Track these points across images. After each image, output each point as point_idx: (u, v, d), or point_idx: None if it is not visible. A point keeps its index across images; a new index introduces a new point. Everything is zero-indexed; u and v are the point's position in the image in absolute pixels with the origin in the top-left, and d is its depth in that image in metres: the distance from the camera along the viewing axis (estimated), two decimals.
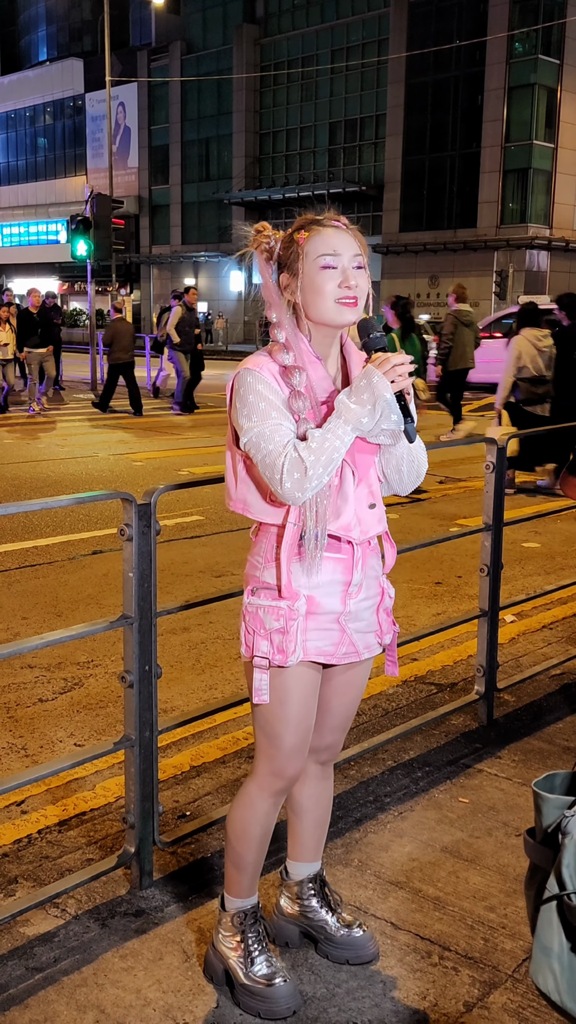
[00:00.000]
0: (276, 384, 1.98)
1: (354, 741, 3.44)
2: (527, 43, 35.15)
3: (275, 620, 2.03)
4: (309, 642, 2.05)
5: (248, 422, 1.96)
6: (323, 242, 1.97)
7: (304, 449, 1.91)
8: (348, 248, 1.98)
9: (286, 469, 1.90)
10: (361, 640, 2.12)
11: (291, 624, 2.02)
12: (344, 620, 2.08)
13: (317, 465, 1.90)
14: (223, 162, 44.37)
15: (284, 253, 2.02)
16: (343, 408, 1.93)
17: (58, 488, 8.83)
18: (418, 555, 6.01)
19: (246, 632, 2.08)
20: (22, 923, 2.43)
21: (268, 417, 1.95)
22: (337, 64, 40.30)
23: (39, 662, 4.34)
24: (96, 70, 41.98)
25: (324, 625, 2.06)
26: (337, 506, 2.02)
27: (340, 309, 1.97)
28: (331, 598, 2.05)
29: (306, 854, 2.34)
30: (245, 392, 1.98)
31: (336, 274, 1.96)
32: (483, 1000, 2.17)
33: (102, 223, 18.20)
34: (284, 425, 1.95)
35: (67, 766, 2.50)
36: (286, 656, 2.02)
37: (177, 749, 3.43)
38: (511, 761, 3.34)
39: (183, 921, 2.45)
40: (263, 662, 2.05)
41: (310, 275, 1.97)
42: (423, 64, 36.40)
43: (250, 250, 2.06)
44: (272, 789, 2.14)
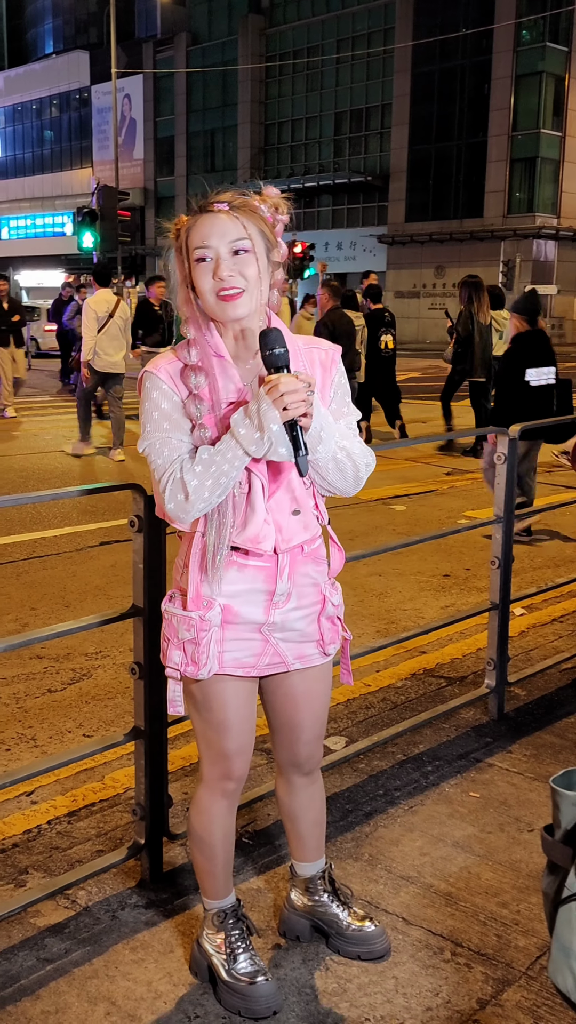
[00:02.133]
0: (172, 387, 1.87)
1: (364, 735, 3.42)
2: (535, 31, 34.95)
3: (186, 630, 1.94)
4: (226, 653, 1.97)
5: (143, 430, 1.90)
6: (196, 233, 1.84)
7: (188, 472, 1.82)
8: (223, 234, 1.81)
9: (169, 490, 1.83)
10: (292, 650, 2.02)
11: (202, 635, 1.93)
12: (267, 630, 1.98)
13: (202, 490, 1.81)
14: (228, 153, 44.28)
15: (176, 246, 1.90)
16: (235, 430, 1.79)
17: (66, 479, 8.82)
18: (426, 547, 5.98)
19: (163, 639, 2.01)
20: (33, 914, 2.42)
21: (159, 428, 1.86)
22: (343, 54, 40.14)
23: (48, 653, 4.33)
24: (102, 62, 41.87)
25: (243, 635, 1.97)
26: (245, 517, 1.91)
27: (221, 304, 1.83)
28: (251, 607, 1.95)
29: (309, 854, 2.31)
30: (143, 398, 1.90)
31: (208, 266, 1.83)
32: (497, 997, 2.16)
33: (108, 215, 18.18)
34: (174, 438, 1.85)
35: (78, 757, 2.49)
36: (198, 668, 1.94)
37: (186, 740, 3.42)
38: (522, 756, 3.32)
39: (193, 913, 2.44)
40: (175, 673, 1.98)
41: (191, 269, 1.85)
42: (429, 53, 36.23)
43: (169, 246, 1.93)
44: (222, 791, 2.10)
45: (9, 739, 3.51)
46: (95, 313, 9.70)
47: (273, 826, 2.84)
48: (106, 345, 9.75)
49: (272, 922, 2.41)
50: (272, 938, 2.35)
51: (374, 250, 38.63)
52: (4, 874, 2.62)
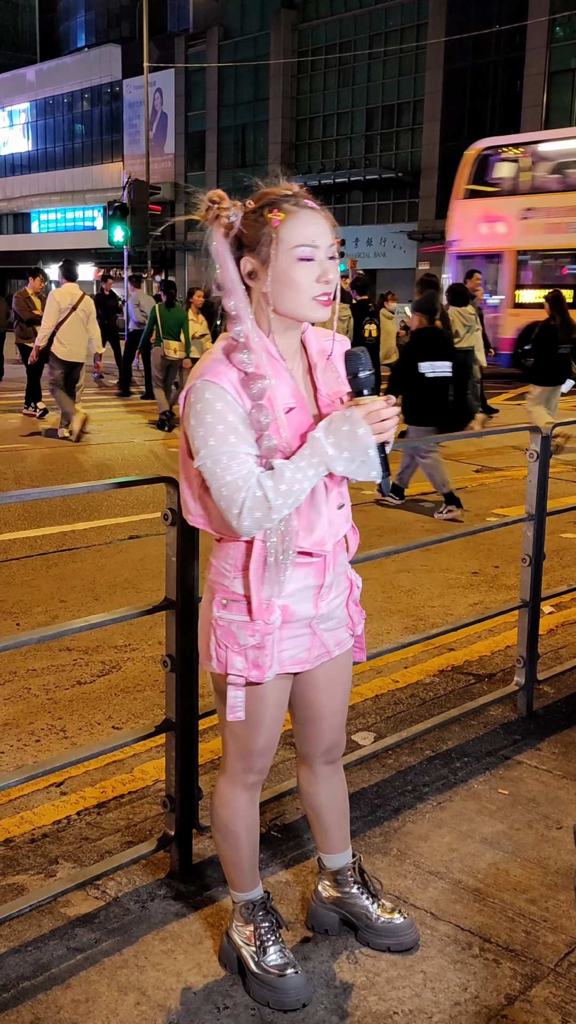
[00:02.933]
0: (236, 397, 1.78)
1: (392, 730, 3.42)
2: (568, 27, 34.60)
3: (250, 636, 1.92)
4: (284, 652, 1.97)
5: (203, 445, 1.77)
6: (301, 229, 1.75)
7: (272, 490, 1.75)
8: (326, 237, 1.78)
9: (247, 507, 1.76)
10: (332, 638, 2.05)
11: (267, 639, 1.92)
12: (316, 623, 2.00)
13: (283, 507, 1.77)
14: (259, 148, 44.23)
15: (249, 233, 1.78)
16: (318, 448, 1.76)
17: (95, 473, 8.87)
18: (455, 545, 5.96)
19: (217, 646, 1.96)
20: (63, 904, 2.45)
21: (226, 442, 1.76)
22: (375, 49, 39.96)
23: (77, 645, 4.37)
24: (134, 56, 41.98)
25: (297, 632, 1.98)
26: (310, 521, 1.89)
27: (315, 306, 1.79)
28: (304, 604, 1.96)
29: (335, 846, 2.32)
30: (203, 410, 1.77)
31: (314, 267, 1.77)
32: (525, 993, 2.15)
33: (139, 209, 18.24)
34: (241, 452, 1.77)
35: (108, 748, 2.51)
36: (263, 671, 1.93)
37: (215, 734, 3.43)
38: (551, 753, 3.31)
39: (223, 905, 2.45)
40: (239, 679, 1.94)
41: (284, 266, 1.76)
42: (462, 49, 35.98)
43: (202, 224, 1.80)
44: (245, 783, 2.11)
45: (39, 730, 3.54)
46: (58, 304, 10.45)
47: (301, 820, 2.85)
48: (68, 335, 10.46)
49: (300, 915, 2.41)
50: (301, 931, 2.36)
51: (404, 246, 38.45)
52: (35, 864, 2.64)
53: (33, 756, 3.33)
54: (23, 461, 9.44)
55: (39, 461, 9.49)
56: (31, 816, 2.91)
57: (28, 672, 4.07)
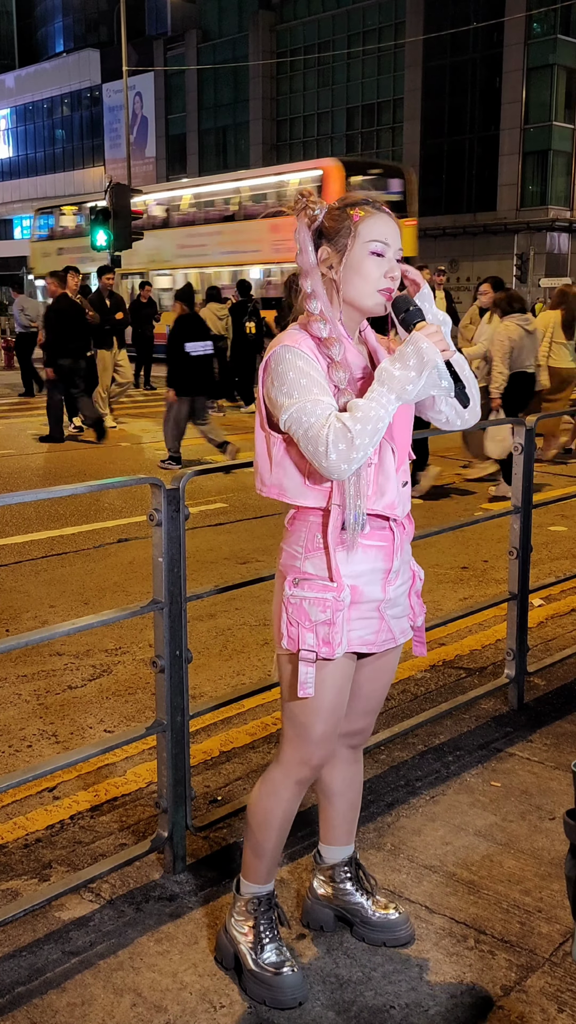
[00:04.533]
0: (315, 358, 1.93)
1: (384, 726, 3.42)
2: (545, 23, 34.79)
3: (321, 612, 1.98)
4: (353, 632, 2.03)
5: (288, 399, 1.91)
6: (377, 227, 1.94)
7: (349, 419, 1.85)
8: (396, 239, 1.96)
9: (331, 440, 1.84)
10: (397, 626, 2.11)
11: (337, 615, 1.98)
12: (384, 608, 2.06)
13: (364, 435, 1.84)
14: (241, 150, 44.27)
15: (331, 225, 1.97)
16: (387, 376, 1.87)
17: (82, 476, 8.85)
18: (443, 540, 5.97)
19: (288, 624, 2.02)
20: (57, 908, 2.44)
21: (309, 392, 1.90)
22: (354, 49, 40.06)
23: (68, 649, 4.36)
24: (113, 60, 41.96)
25: (366, 614, 2.04)
26: (379, 484, 1.98)
27: (378, 298, 1.95)
28: (373, 586, 2.03)
29: (339, 838, 2.33)
30: (284, 369, 1.92)
31: (384, 263, 1.94)
32: (520, 984, 2.16)
33: (121, 213, 18.18)
34: (324, 399, 1.90)
35: (99, 751, 2.51)
36: (333, 648, 1.99)
37: (207, 735, 3.43)
38: (543, 745, 3.32)
39: (217, 905, 2.45)
40: (310, 655, 1.99)
41: (357, 257, 1.94)
42: (440, 47, 36.11)
43: (292, 211, 1.99)
44: (298, 776, 2.12)
45: (31, 735, 3.53)
46: None
47: (298, 817, 2.84)
48: None
49: (296, 912, 2.41)
50: (296, 928, 2.36)
51: None
52: (28, 869, 2.64)
53: (25, 761, 3.32)
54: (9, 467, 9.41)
55: (23, 468, 9.46)
56: (24, 821, 2.90)
57: (19, 678, 4.06)
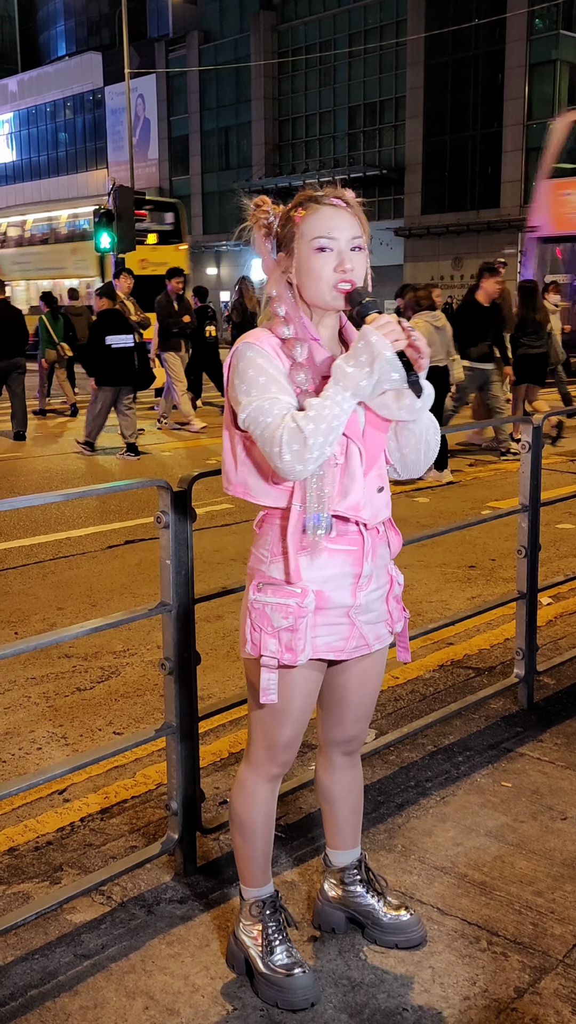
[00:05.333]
0: (277, 357, 1.91)
1: (393, 726, 3.42)
2: (547, 19, 34.70)
3: (283, 618, 1.96)
4: (319, 638, 1.99)
5: (247, 397, 1.88)
6: (319, 222, 1.89)
7: (302, 418, 1.82)
8: (346, 229, 1.89)
9: (284, 440, 1.81)
10: (371, 631, 2.07)
11: (300, 622, 1.95)
12: (354, 613, 2.02)
13: (317, 434, 1.81)
14: (243, 150, 44.28)
15: (281, 231, 1.95)
16: (340, 374, 1.83)
17: (88, 479, 8.86)
18: (451, 539, 5.96)
19: (252, 629, 2.00)
20: (68, 910, 2.44)
21: (267, 391, 1.87)
22: (355, 48, 40.03)
23: (76, 652, 4.36)
24: (115, 63, 41.97)
25: (334, 620, 2.00)
26: (344, 485, 1.94)
27: (336, 295, 1.90)
28: (341, 591, 1.99)
29: (345, 842, 2.32)
30: (244, 367, 1.90)
31: (331, 257, 1.88)
32: (534, 986, 2.15)
33: (125, 215, 18.20)
34: (283, 399, 1.87)
35: (109, 754, 2.50)
36: (295, 655, 1.96)
37: (215, 736, 3.43)
38: (553, 744, 3.30)
39: (229, 907, 2.44)
40: (272, 661, 1.98)
41: (305, 257, 1.90)
42: (442, 44, 36.04)
43: (248, 225, 1.99)
44: (267, 775, 2.13)
45: (40, 738, 3.53)
46: None
47: (306, 819, 2.84)
48: None
49: (307, 914, 2.41)
50: (308, 930, 2.35)
51: (391, 243, 38.48)
52: (39, 872, 2.63)
53: (35, 764, 3.32)
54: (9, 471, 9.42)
55: (30, 471, 9.47)
56: (35, 824, 2.90)
57: (28, 680, 4.06)
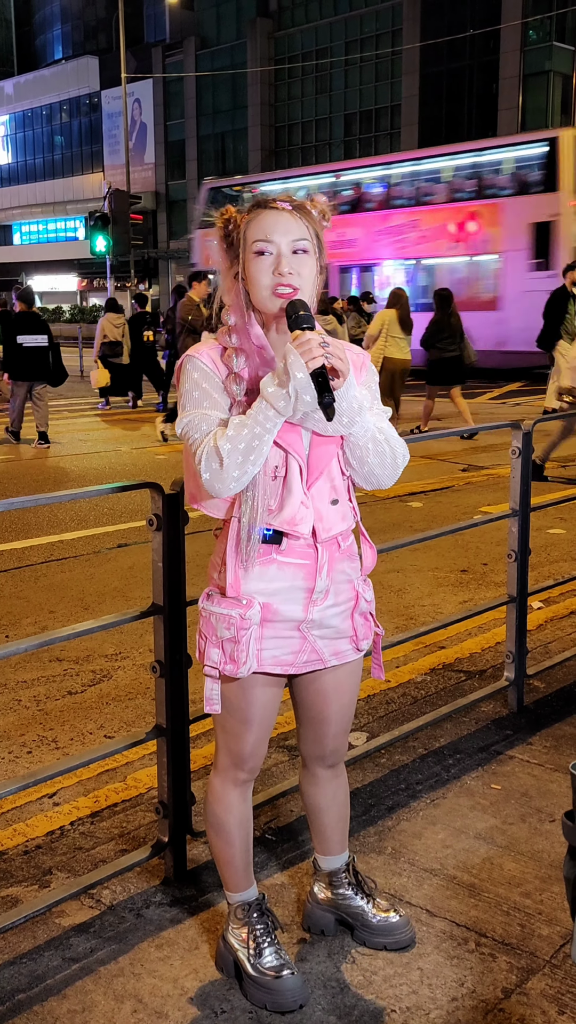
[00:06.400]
0: (213, 368, 1.91)
1: (384, 729, 3.43)
2: (541, 30, 34.87)
3: (226, 628, 1.95)
4: (264, 651, 1.97)
5: (183, 411, 1.91)
6: (258, 226, 1.88)
7: (221, 438, 1.82)
8: (286, 232, 1.86)
9: (204, 459, 1.83)
10: (327, 647, 2.04)
11: (242, 634, 1.93)
12: (306, 628, 1.99)
13: (235, 454, 1.81)
14: (239, 156, 44.36)
15: (232, 238, 1.93)
16: (264, 392, 1.83)
17: (81, 482, 8.85)
18: (443, 543, 5.98)
19: (199, 637, 2.01)
20: (58, 914, 2.44)
21: (199, 406, 1.89)
22: (351, 56, 40.15)
23: (67, 655, 4.35)
24: (111, 67, 42.09)
25: (282, 633, 1.98)
26: (281, 499, 1.92)
27: (275, 299, 1.87)
28: (291, 605, 1.96)
29: (332, 848, 2.32)
30: (183, 381, 1.93)
31: (269, 261, 1.86)
32: (521, 986, 2.16)
33: (120, 219, 18.25)
34: (212, 414, 1.88)
35: (99, 756, 2.51)
36: (237, 666, 1.95)
37: (207, 739, 3.43)
38: (543, 747, 3.32)
39: (218, 910, 2.44)
40: (213, 671, 1.98)
41: (246, 261, 1.89)
42: (437, 54, 36.19)
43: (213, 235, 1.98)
44: (235, 780, 2.13)
45: (30, 742, 3.53)
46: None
47: (295, 822, 2.85)
48: None
49: (296, 917, 2.41)
50: (297, 933, 2.36)
51: None
52: (28, 875, 2.63)
53: (25, 767, 3.32)
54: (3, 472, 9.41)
55: (22, 474, 9.46)
56: (24, 828, 2.90)
57: (18, 683, 4.06)
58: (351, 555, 2.06)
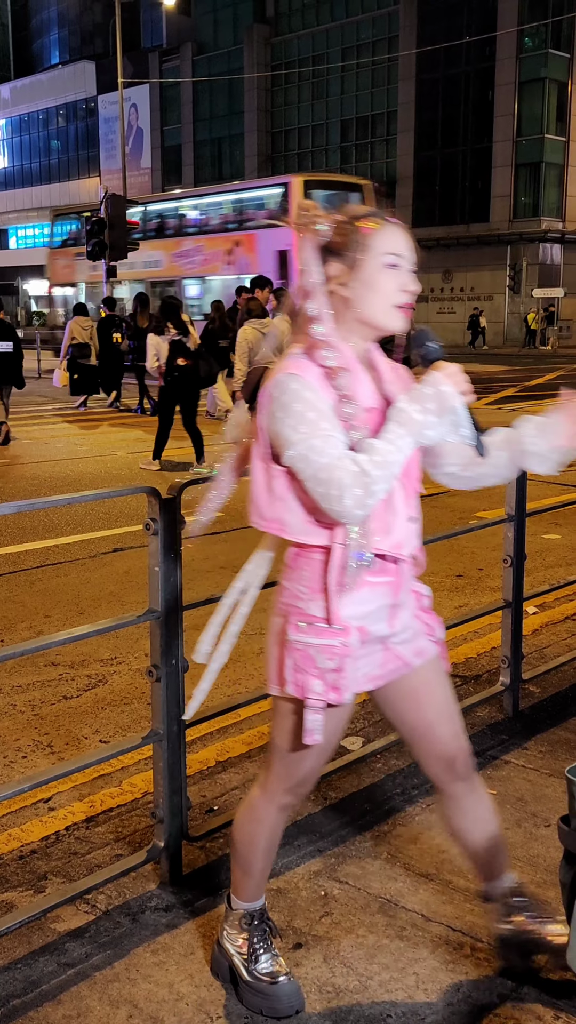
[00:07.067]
0: (323, 388, 1.81)
1: (380, 734, 3.43)
2: (537, 38, 35.04)
3: (328, 659, 1.88)
4: (359, 671, 1.93)
5: (295, 434, 1.78)
6: (391, 239, 1.84)
7: (367, 462, 1.74)
8: (410, 252, 1.87)
9: (346, 484, 1.73)
10: (407, 650, 2.02)
11: (346, 661, 1.88)
12: (388, 640, 1.99)
13: (381, 480, 1.74)
14: (236, 161, 44.45)
15: (339, 240, 1.84)
16: (405, 418, 1.76)
17: (78, 487, 8.85)
18: (438, 548, 5.96)
19: (295, 671, 1.90)
20: (53, 919, 2.43)
21: (318, 428, 1.77)
22: (348, 62, 40.30)
23: (63, 660, 4.35)
24: (108, 72, 42.15)
25: (370, 650, 1.96)
26: (387, 522, 1.87)
27: (394, 313, 1.85)
28: (379, 624, 1.94)
29: (493, 872, 2.19)
30: (288, 400, 1.80)
31: (399, 275, 1.84)
32: (517, 991, 2.16)
33: (117, 223, 18.27)
34: (335, 436, 1.78)
35: (95, 761, 2.51)
36: (341, 693, 1.89)
37: (203, 744, 3.43)
38: (538, 752, 3.32)
39: (214, 915, 2.44)
40: (318, 703, 1.89)
41: (371, 271, 1.82)
42: (433, 60, 36.34)
43: (286, 225, 1.90)
44: (280, 804, 2.08)
45: (25, 746, 3.52)
46: None
47: (293, 827, 2.84)
48: None
49: (293, 921, 2.41)
50: (292, 938, 2.35)
51: None
52: (23, 880, 2.63)
53: (20, 772, 3.31)
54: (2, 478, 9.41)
55: (19, 478, 9.46)
56: (19, 833, 2.89)
57: (13, 688, 4.06)
58: (412, 565, 2.03)
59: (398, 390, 1.91)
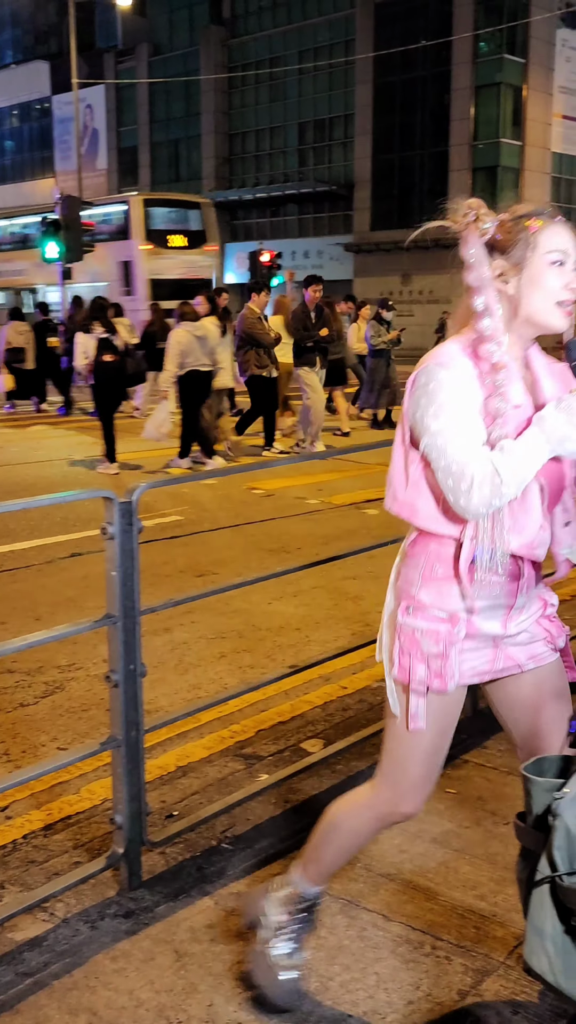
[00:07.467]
0: (474, 382, 1.80)
1: (340, 736, 3.44)
2: (492, 43, 35.38)
3: (434, 644, 1.87)
4: (465, 663, 1.91)
5: (436, 422, 1.78)
6: (557, 237, 1.82)
7: (501, 463, 1.72)
8: (575, 250, 1.84)
9: (476, 481, 1.72)
10: (522, 652, 1.96)
11: (451, 649, 1.87)
12: (501, 641, 1.94)
13: (511, 484, 1.73)
14: (193, 163, 44.31)
15: (505, 238, 1.83)
16: (549, 426, 1.73)
17: (33, 491, 8.75)
18: (398, 549, 6.00)
19: (400, 653, 1.91)
20: (10, 928, 2.40)
21: (459, 420, 1.77)
22: (305, 65, 40.36)
23: (19, 667, 4.30)
24: (62, 72, 41.76)
25: (479, 645, 1.92)
26: (521, 522, 1.83)
27: (557, 311, 1.83)
28: (491, 622, 1.90)
29: None
30: (435, 389, 1.79)
31: (564, 273, 1.81)
32: (476, 988, 2.18)
33: (72, 225, 18.14)
34: (474, 432, 1.77)
35: (52, 768, 2.49)
36: (445, 682, 1.87)
37: (163, 749, 3.41)
38: (497, 751, 3.35)
39: (174, 921, 2.43)
40: (421, 687, 1.88)
41: (536, 268, 1.81)
42: (390, 64, 36.54)
43: (455, 227, 1.86)
44: (381, 813, 2.01)
45: None
46: None
47: (252, 831, 2.84)
48: None
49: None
50: None
51: (341, 258, 38.80)
52: None
53: None
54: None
55: None
56: None
57: None
58: (540, 568, 2.00)
59: (551, 395, 1.87)
